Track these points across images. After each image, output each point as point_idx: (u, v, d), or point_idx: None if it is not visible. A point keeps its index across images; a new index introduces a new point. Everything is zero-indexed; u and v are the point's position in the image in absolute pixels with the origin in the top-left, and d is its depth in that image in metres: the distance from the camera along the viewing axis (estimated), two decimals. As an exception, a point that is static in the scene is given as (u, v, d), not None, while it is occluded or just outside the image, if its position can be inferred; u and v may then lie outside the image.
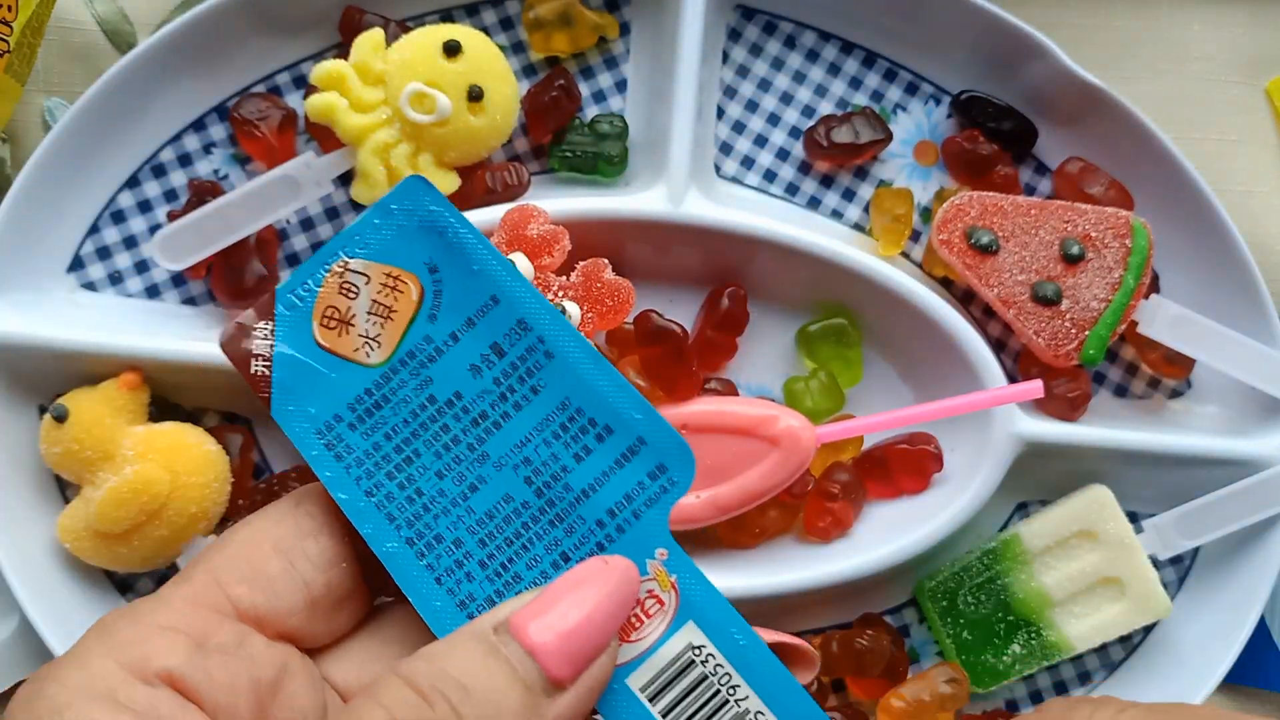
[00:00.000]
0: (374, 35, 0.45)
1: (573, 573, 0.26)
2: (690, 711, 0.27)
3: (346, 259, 0.27)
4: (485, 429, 0.27)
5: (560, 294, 0.44)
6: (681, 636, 0.27)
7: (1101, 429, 0.46)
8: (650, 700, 0.27)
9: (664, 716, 0.26)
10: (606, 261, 0.44)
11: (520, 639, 0.25)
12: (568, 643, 0.25)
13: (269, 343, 0.27)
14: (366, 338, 0.27)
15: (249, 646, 0.26)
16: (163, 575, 0.47)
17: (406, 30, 0.46)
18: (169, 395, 0.47)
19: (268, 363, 0.27)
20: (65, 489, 0.47)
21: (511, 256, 0.43)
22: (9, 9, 0.44)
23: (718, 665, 0.27)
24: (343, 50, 0.47)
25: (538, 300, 0.28)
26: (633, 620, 0.27)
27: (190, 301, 0.48)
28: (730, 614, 0.27)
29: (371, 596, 0.29)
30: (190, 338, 0.45)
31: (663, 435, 0.27)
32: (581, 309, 0.43)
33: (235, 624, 0.26)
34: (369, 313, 0.27)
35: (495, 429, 0.27)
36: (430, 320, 0.27)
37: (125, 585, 0.47)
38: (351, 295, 0.27)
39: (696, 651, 0.27)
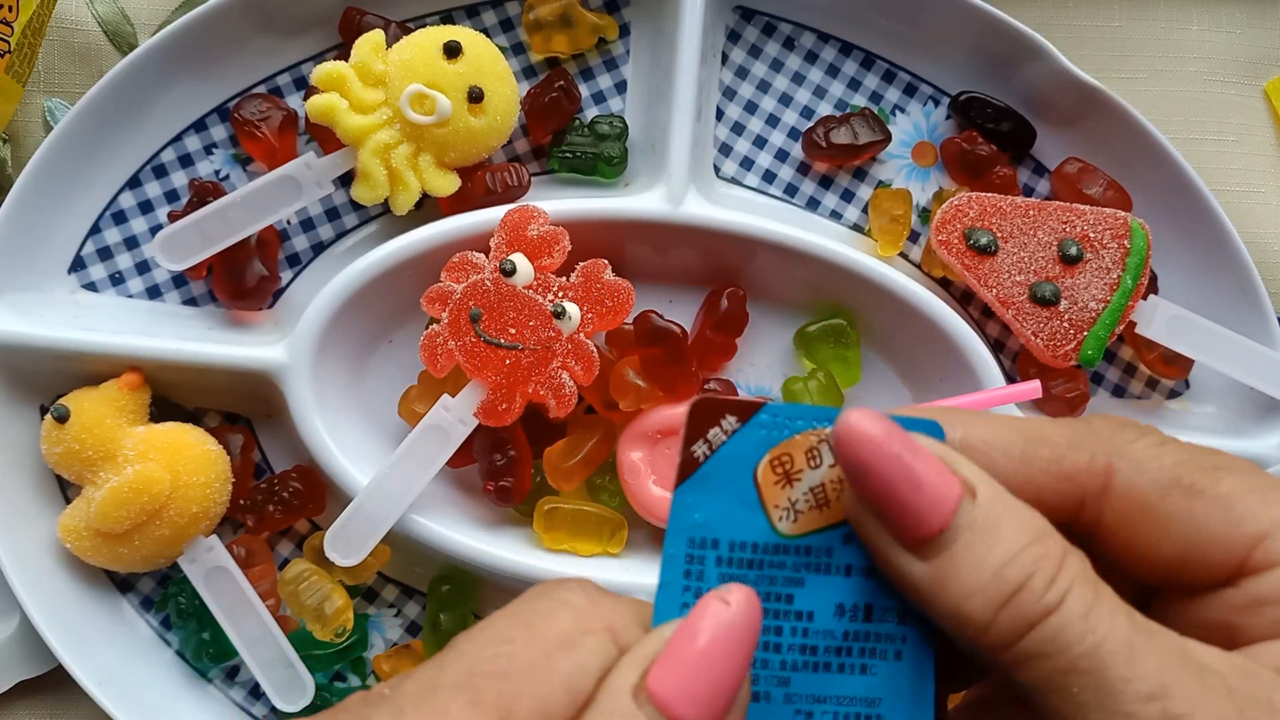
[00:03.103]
0: (374, 36, 0.45)
1: (692, 619, 0.25)
2: None
3: (827, 430, 0.27)
4: (804, 661, 0.27)
5: (560, 294, 0.44)
6: None
7: (1100, 429, 0.46)
8: None
9: None
10: (606, 262, 0.44)
11: (659, 704, 0.24)
12: (703, 700, 0.24)
13: (724, 437, 0.27)
14: (792, 507, 0.27)
15: None
16: (164, 575, 0.47)
17: (407, 31, 0.46)
18: (170, 395, 0.47)
19: (709, 451, 0.26)
20: (66, 489, 0.47)
21: (512, 257, 0.43)
22: (10, 9, 0.44)
23: None
24: (343, 51, 0.47)
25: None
26: None
27: (191, 302, 0.48)
28: None
29: None
30: (191, 338, 0.46)
31: None
32: (581, 309, 0.44)
33: None
34: (811, 489, 0.27)
35: (809, 669, 0.27)
36: (843, 540, 0.27)
37: (126, 585, 0.47)
38: (812, 464, 0.27)
39: None
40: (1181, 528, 0.25)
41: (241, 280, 0.46)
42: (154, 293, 0.48)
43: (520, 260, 0.43)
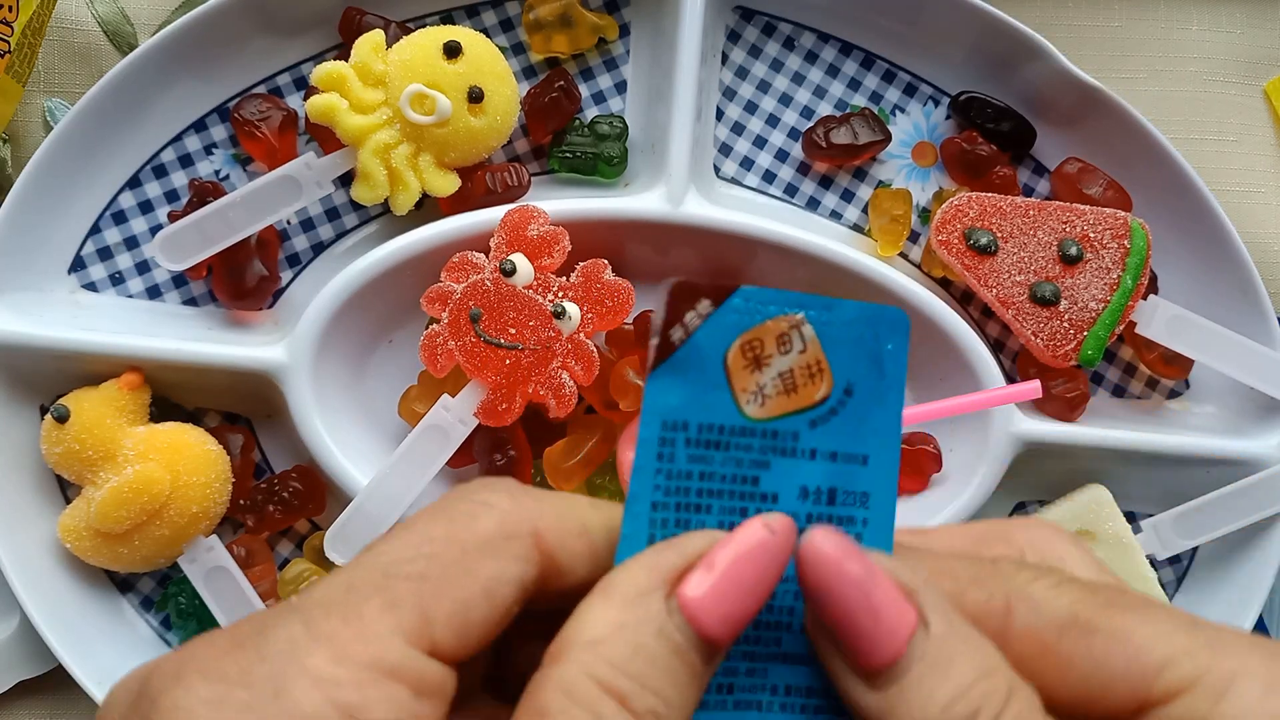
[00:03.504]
0: (374, 36, 0.45)
1: (736, 537, 0.25)
2: None
3: (805, 320, 0.27)
4: None
5: (560, 294, 0.44)
6: None
7: (1100, 429, 0.46)
8: None
9: None
10: (606, 262, 0.44)
11: (689, 616, 0.24)
12: (728, 620, 0.24)
13: (699, 321, 0.27)
14: (760, 391, 0.27)
15: (448, 687, 0.24)
16: (164, 575, 0.47)
17: (407, 31, 0.46)
18: (170, 395, 0.47)
19: (684, 336, 0.26)
20: (66, 489, 0.47)
21: (512, 257, 0.43)
22: (10, 9, 0.44)
23: None
24: (343, 51, 0.47)
25: (891, 495, 0.28)
26: None
27: (191, 302, 0.48)
28: None
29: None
30: (191, 338, 0.46)
31: None
32: (581, 309, 0.44)
33: (440, 669, 0.24)
34: (780, 373, 0.27)
35: None
36: (809, 425, 0.27)
37: (126, 585, 0.47)
38: (782, 349, 0.27)
39: None
40: (1082, 666, 0.26)
41: (241, 280, 0.46)
42: (154, 293, 0.48)
43: (520, 260, 0.43)
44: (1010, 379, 0.48)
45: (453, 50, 0.44)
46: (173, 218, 0.46)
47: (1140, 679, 0.25)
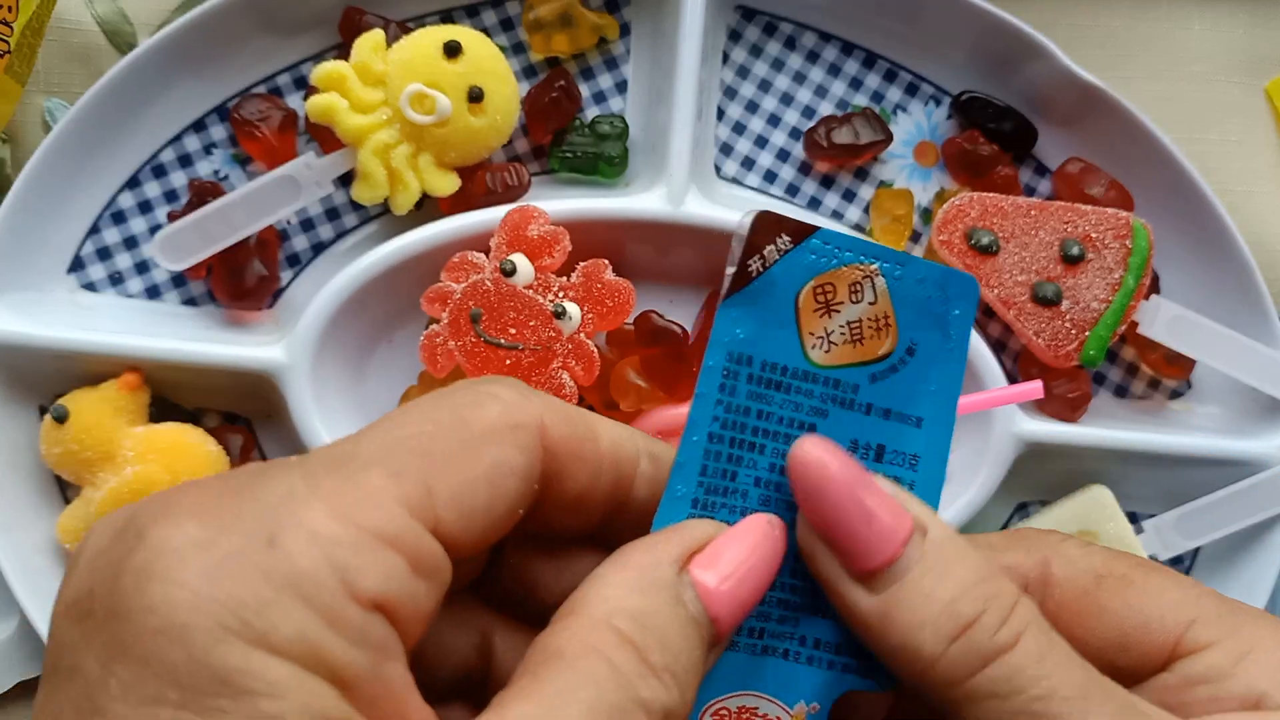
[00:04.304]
0: (374, 36, 0.45)
1: (743, 529, 0.25)
2: None
3: (879, 271, 0.27)
4: None
5: (560, 294, 0.44)
6: None
7: (1102, 429, 0.46)
8: None
9: None
10: (607, 262, 0.44)
11: (700, 592, 0.24)
12: (735, 604, 0.25)
13: (776, 256, 0.27)
14: (827, 336, 0.27)
15: (445, 573, 0.23)
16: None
17: (407, 31, 0.46)
18: (169, 395, 0.47)
19: (762, 268, 0.26)
20: (66, 490, 0.47)
21: (512, 257, 0.43)
22: (9, 9, 0.44)
23: None
24: (343, 51, 0.47)
25: (941, 460, 0.28)
26: None
27: (191, 302, 0.48)
28: None
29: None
30: (190, 338, 0.45)
31: None
32: (582, 309, 0.43)
33: (440, 550, 0.23)
34: (848, 322, 0.27)
35: None
36: (870, 379, 0.27)
37: (125, 586, 0.47)
38: (854, 298, 0.27)
39: None
40: (1118, 613, 0.27)
41: (241, 280, 0.46)
42: (153, 293, 0.48)
43: (520, 260, 0.43)
44: (1012, 379, 0.48)
45: (453, 50, 0.44)
46: (172, 218, 0.46)
47: (1172, 629, 0.26)
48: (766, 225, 0.26)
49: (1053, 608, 0.27)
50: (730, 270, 0.26)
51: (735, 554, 0.25)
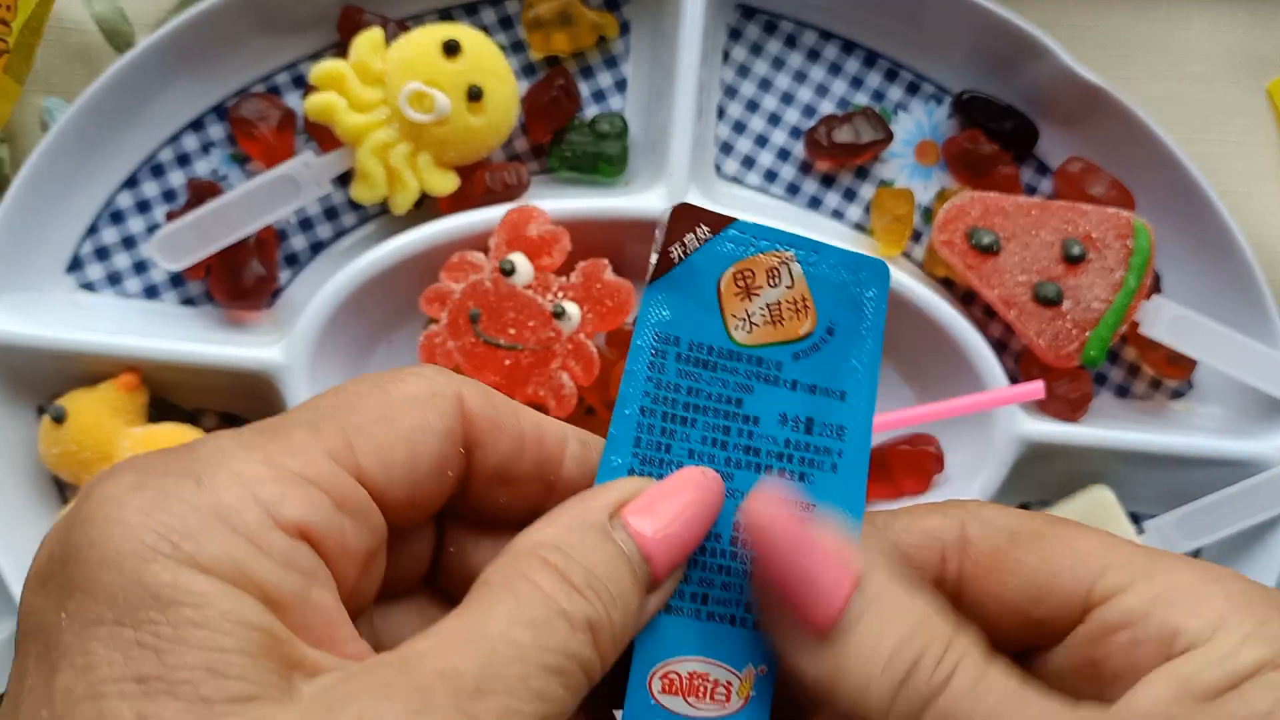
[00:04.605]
0: (373, 35, 0.45)
1: (676, 477, 0.27)
2: None
3: (794, 257, 0.29)
4: (747, 461, 0.29)
5: (560, 294, 0.43)
6: None
7: (1103, 430, 0.46)
8: None
9: None
10: (607, 262, 0.44)
11: (631, 533, 0.25)
12: (668, 545, 0.25)
13: (697, 244, 0.29)
14: (748, 318, 0.29)
15: (373, 519, 0.25)
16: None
17: (406, 30, 0.46)
18: (167, 396, 0.47)
19: (683, 255, 0.28)
20: (64, 490, 0.47)
21: (511, 257, 0.43)
22: (8, 9, 0.44)
23: None
24: (341, 50, 0.47)
25: (866, 431, 0.30)
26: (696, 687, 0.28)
27: (189, 302, 0.48)
28: None
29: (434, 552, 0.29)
30: (189, 338, 0.45)
31: None
32: (581, 309, 0.43)
33: (364, 493, 0.24)
34: (768, 304, 0.29)
35: (751, 469, 0.28)
36: (792, 357, 0.29)
37: (124, 587, 0.47)
38: (771, 282, 0.29)
39: None
40: (1030, 564, 0.27)
41: (239, 280, 0.46)
42: (152, 293, 0.47)
43: (520, 260, 0.43)
44: (1013, 379, 0.48)
45: (452, 48, 0.44)
46: (171, 217, 0.46)
47: (1084, 578, 0.27)
48: (685, 216, 0.28)
49: (969, 567, 0.28)
50: (654, 257, 0.28)
51: (669, 501, 0.26)
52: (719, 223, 0.29)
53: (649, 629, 0.26)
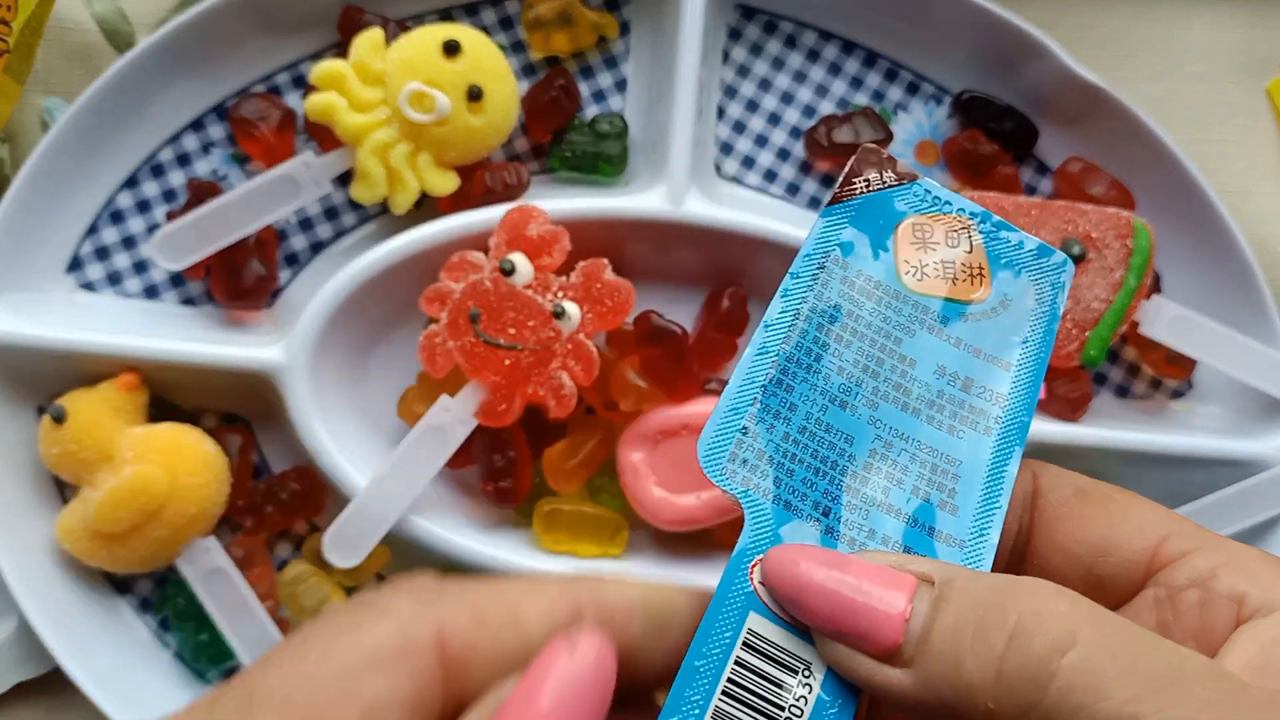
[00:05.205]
0: (373, 35, 0.45)
1: (539, 675, 0.22)
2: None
3: (976, 228, 0.29)
4: (896, 397, 0.28)
5: (560, 294, 0.43)
6: None
7: (1103, 429, 0.46)
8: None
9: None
10: (606, 262, 0.44)
11: None
12: None
13: (881, 185, 0.29)
14: (920, 267, 0.29)
15: None
16: (162, 576, 0.47)
17: (406, 30, 0.46)
18: (167, 395, 0.47)
19: (867, 189, 0.29)
20: (64, 490, 0.47)
21: (511, 256, 0.43)
22: (8, 9, 0.44)
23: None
24: (342, 50, 0.47)
25: (1028, 407, 0.29)
26: None
27: (189, 302, 0.48)
28: None
29: None
30: (189, 338, 0.45)
31: None
32: (581, 309, 0.43)
33: None
34: (942, 261, 0.29)
35: (899, 407, 0.28)
36: (961, 317, 0.29)
37: (124, 586, 0.47)
38: (950, 242, 0.29)
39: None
40: (1099, 519, 0.28)
41: (239, 280, 0.46)
42: (152, 293, 0.47)
43: (520, 260, 0.43)
44: (1013, 379, 0.48)
45: (452, 48, 0.44)
46: (171, 217, 0.46)
47: (1150, 540, 0.27)
48: (873, 157, 0.29)
49: (1038, 519, 0.28)
50: (838, 183, 0.28)
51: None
52: (906, 176, 0.29)
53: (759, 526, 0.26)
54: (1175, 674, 0.21)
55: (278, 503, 0.45)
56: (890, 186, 0.29)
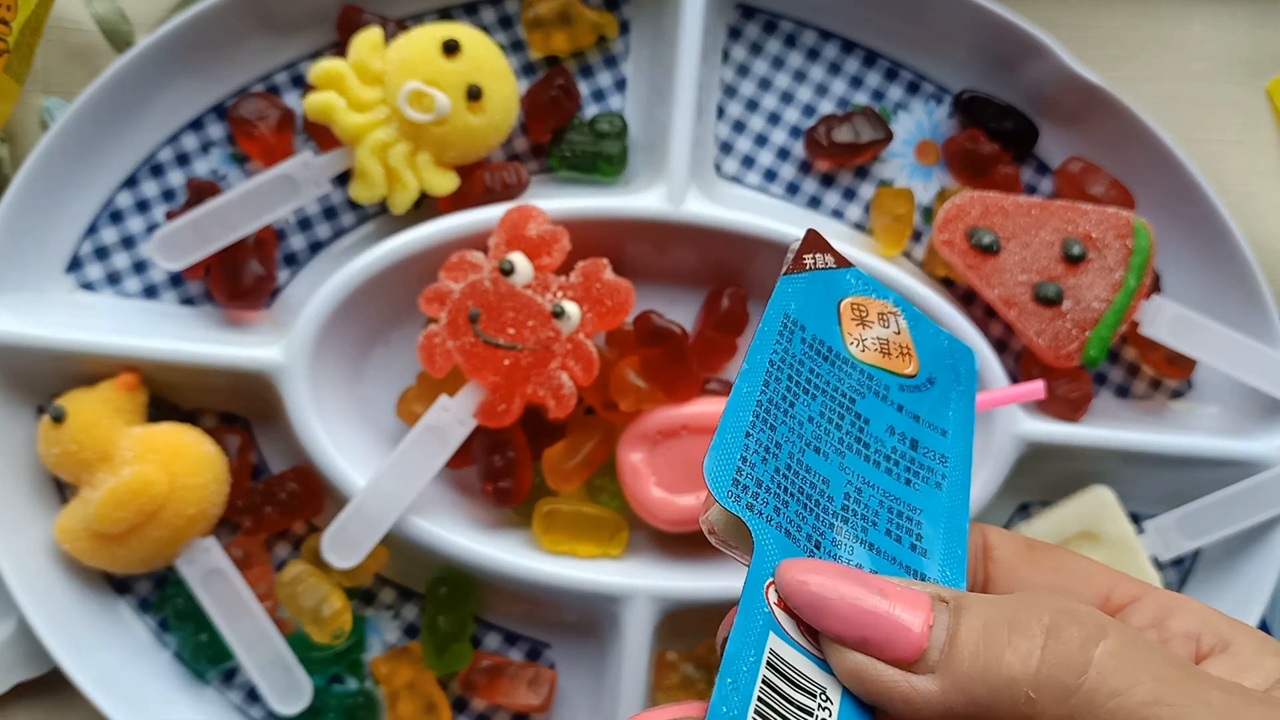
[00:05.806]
0: (372, 34, 0.45)
1: None
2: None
3: (898, 311, 0.32)
4: (858, 450, 0.30)
5: (560, 294, 0.43)
6: None
7: (1103, 429, 0.46)
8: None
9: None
10: (606, 261, 0.44)
11: None
12: None
13: (822, 267, 0.31)
14: (861, 340, 0.31)
15: None
16: (161, 576, 0.47)
17: (405, 29, 0.46)
18: (167, 395, 0.47)
19: (815, 265, 0.31)
20: (63, 490, 0.47)
21: (511, 256, 0.43)
22: (8, 8, 0.44)
23: None
24: (341, 49, 0.47)
25: (966, 467, 0.32)
26: None
27: (188, 302, 0.48)
28: None
29: None
30: (188, 338, 0.45)
31: None
32: (581, 309, 0.43)
33: None
34: (878, 338, 0.32)
35: (862, 458, 0.30)
36: (899, 388, 0.31)
37: (123, 587, 0.47)
38: (882, 324, 0.32)
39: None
40: (1050, 567, 0.30)
41: (239, 280, 0.46)
42: (151, 292, 0.47)
43: (519, 260, 0.43)
44: (1013, 379, 0.48)
45: (451, 48, 0.44)
46: (170, 217, 0.46)
47: (1100, 586, 0.29)
48: (817, 242, 0.31)
49: (993, 567, 0.30)
50: (790, 255, 0.30)
51: None
52: (841, 262, 0.32)
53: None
54: (1192, 670, 0.24)
55: (276, 503, 0.45)
56: (830, 268, 0.31)
